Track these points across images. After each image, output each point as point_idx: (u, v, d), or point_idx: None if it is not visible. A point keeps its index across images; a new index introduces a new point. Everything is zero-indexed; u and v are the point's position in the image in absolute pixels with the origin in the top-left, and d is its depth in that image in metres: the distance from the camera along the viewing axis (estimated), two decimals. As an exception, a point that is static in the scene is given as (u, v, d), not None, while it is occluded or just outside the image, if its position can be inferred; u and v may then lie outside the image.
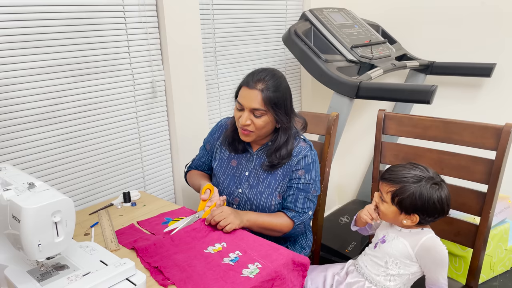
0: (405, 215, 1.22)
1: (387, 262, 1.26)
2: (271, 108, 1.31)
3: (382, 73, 1.92)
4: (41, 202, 0.89)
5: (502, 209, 2.10)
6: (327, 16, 2.12)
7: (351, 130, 2.75)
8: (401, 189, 1.20)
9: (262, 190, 1.40)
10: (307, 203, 1.39)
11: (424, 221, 1.23)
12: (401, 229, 1.27)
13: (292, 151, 1.38)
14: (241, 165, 1.45)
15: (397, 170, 1.24)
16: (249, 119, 1.32)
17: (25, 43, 1.34)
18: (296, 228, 1.39)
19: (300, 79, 2.53)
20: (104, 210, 1.47)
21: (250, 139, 1.37)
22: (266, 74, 1.32)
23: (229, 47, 2.05)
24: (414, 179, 1.20)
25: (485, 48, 2.20)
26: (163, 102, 1.79)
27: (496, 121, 1.39)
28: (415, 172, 1.22)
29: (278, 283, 1.07)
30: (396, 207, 1.22)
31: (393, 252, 1.25)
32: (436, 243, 1.22)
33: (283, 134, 1.37)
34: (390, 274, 1.25)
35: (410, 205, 1.20)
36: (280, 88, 1.32)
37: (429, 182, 1.20)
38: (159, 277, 1.05)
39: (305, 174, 1.39)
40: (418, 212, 1.20)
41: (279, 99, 1.31)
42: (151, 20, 1.68)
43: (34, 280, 0.96)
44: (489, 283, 2.13)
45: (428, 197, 1.18)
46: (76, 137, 1.53)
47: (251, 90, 1.31)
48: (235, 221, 1.26)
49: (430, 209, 1.20)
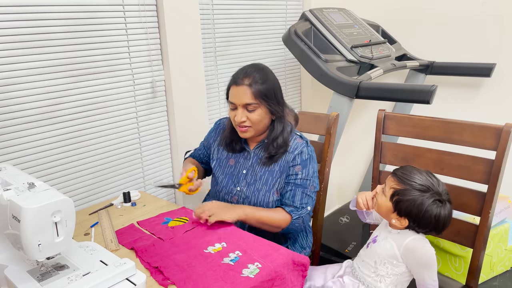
0: (397, 215, 1.22)
1: (376, 262, 1.26)
2: (262, 100, 1.33)
3: (382, 73, 1.92)
4: (41, 202, 0.89)
5: (502, 209, 2.10)
6: (327, 16, 2.12)
7: (351, 130, 2.75)
8: (405, 191, 1.20)
9: (259, 187, 1.41)
10: (305, 198, 1.40)
11: (413, 229, 1.22)
12: (391, 230, 1.27)
13: (287, 141, 1.40)
14: (239, 163, 1.46)
15: (410, 172, 1.23)
16: (244, 116, 1.34)
17: (25, 43, 1.34)
18: (294, 223, 1.39)
19: (300, 79, 2.53)
20: (104, 210, 1.47)
21: (249, 134, 1.38)
22: (251, 68, 1.35)
23: (229, 47, 2.05)
24: (421, 187, 1.19)
25: (485, 48, 2.20)
26: (163, 102, 1.79)
27: (496, 121, 1.39)
28: (426, 182, 1.20)
29: (278, 283, 1.07)
30: (392, 204, 1.22)
31: (381, 252, 1.25)
32: (420, 244, 1.21)
33: (278, 124, 1.39)
34: (380, 274, 1.25)
35: (405, 209, 1.19)
36: (268, 79, 1.35)
37: (434, 196, 1.19)
38: (159, 277, 1.05)
39: (302, 169, 1.39)
40: (410, 218, 1.20)
41: (268, 90, 1.34)
42: (151, 20, 1.68)
43: (34, 280, 0.96)
44: (489, 283, 2.13)
45: (426, 209, 1.17)
46: (76, 137, 1.53)
47: (239, 87, 1.33)
48: (222, 214, 1.29)
49: (423, 221, 1.19)
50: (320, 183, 1.62)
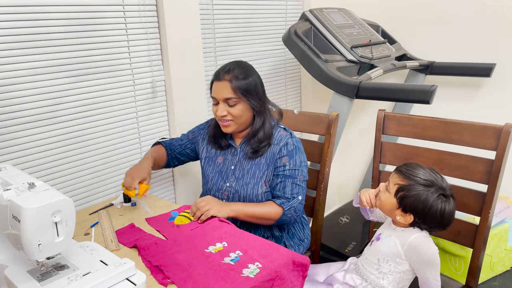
0: (402, 211, 1.22)
1: (379, 260, 1.27)
2: (242, 95, 1.38)
3: (382, 73, 1.92)
4: (41, 202, 0.89)
5: (502, 209, 2.10)
6: (327, 16, 2.12)
7: (351, 130, 2.75)
8: (410, 186, 1.20)
9: (247, 181, 1.44)
10: (296, 188, 1.42)
11: (418, 226, 1.23)
12: (395, 228, 1.27)
13: (270, 135, 1.43)
14: (227, 160, 1.50)
15: (414, 168, 1.23)
16: (224, 110, 1.39)
17: (25, 43, 1.34)
18: (287, 214, 1.40)
19: (300, 79, 2.53)
20: (104, 210, 1.47)
21: (231, 129, 1.42)
22: (232, 65, 1.41)
23: (229, 47, 2.05)
24: (426, 182, 1.19)
25: (485, 48, 2.20)
26: (163, 102, 1.79)
27: (496, 121, 1.39)
28: (430, 177, 1.21)
29: (278, 283, 1.07)
30: (396, 200, 1.22)
31: (384, 249, 1.26)
32: (424, 242, 1.21)
33: (258, 118, 1.43)
34: (383, 272, 1.26)
35: (410, 205, 1.20)
36: (248, 75, 1.40)
37: (439, 191, 1.19)
38: (159, 276, 1.05)
39: (290, 160, 1.42)
40: (415, 214, 1.20)
41: (248, 85, 1.38)
42: (151, 20, 1.68)
43: (34, 280, 0.96)
44: (489, 283, 2.13)
45: (432, 205, 1.18)
46: (76, 137, 1.53)
47: (220, 82, 1.39)
48: (214, 210, 1.31)
49: (429, 217, 1.19)
50: (320, 183, 1.63)
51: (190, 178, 1.92)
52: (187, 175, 1.90)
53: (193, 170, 1.90)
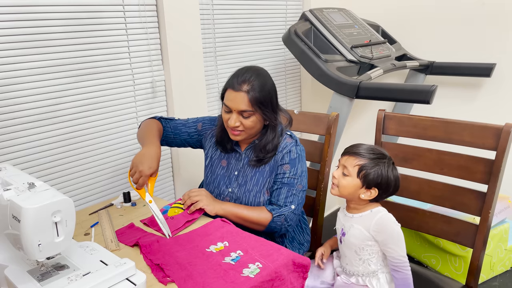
0: (366, 189, 1.28)
1: (356, 251, 1.31)
2: (258, 108, 1.32)
3: (382, 73, 1.92)
4: (41, 202, 0.89)
5: (502, 209, 2.10)
6: (327, 16, 2.12)
7: (351, 130, 2.75)
8: (369, 164, 1.27)
9: (250, 188, 1.41)
10: (291, 197, 1.38)
11: (379, 197, 1.30)
12: (353, 215, 1.32)
13: (277, 146, 1.40)
14: (230, 164, 1.47)
15: (362, 147, 1.31)
16: (238, 121, 1.33)
17: (25, 43, 1.34)
18: (276, 221, 1.36)
19: (300, 79, 2.53)
20: (104, 210, 1.47)
21: (240, 138, 1.38)
22: (250, 74, 1.32)
23: (229, 47, 2.05)
24: (378, 156, 1.29)
25: (485, 48, 2.20)
26: (163, 102, 1.79)
27: (496, 121, 1.39)
28: (378, 151, 1.31)
29: (278, 284, 1.07)
30: (360, 180, 1.27)
31: (354, 240, 1.30)
32: (388, 219, 1.28)
33: (271, 131, 1.39)
34: (364, 259, 1.30)
35: (375, 180, 1.26)
36: (266, 87, 1.33)
37: (390, 161, 1.30)
38: (160, 275, 1.05)
39: (291, 168, 1.39)
40: (379, 187, 1.27)
41: (265, 98, 1.32)
42: (151, 20, 1.68)
43: (34, 280, 0.96)
44: (489, 283, 2.13)
45: (389, 174, 1.27)
46: (76, 137, 1.53)
47: (237, 93, 1.30)
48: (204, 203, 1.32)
49: (388, 186, 1.28)
50: (320, 183, 1.63)
51: (190, 179, 1.92)
52: (187, 175, 1.90)
53: (193, 170, 1.90)
